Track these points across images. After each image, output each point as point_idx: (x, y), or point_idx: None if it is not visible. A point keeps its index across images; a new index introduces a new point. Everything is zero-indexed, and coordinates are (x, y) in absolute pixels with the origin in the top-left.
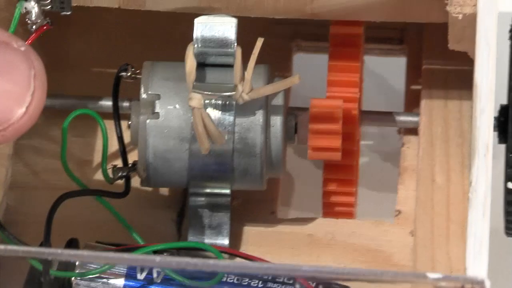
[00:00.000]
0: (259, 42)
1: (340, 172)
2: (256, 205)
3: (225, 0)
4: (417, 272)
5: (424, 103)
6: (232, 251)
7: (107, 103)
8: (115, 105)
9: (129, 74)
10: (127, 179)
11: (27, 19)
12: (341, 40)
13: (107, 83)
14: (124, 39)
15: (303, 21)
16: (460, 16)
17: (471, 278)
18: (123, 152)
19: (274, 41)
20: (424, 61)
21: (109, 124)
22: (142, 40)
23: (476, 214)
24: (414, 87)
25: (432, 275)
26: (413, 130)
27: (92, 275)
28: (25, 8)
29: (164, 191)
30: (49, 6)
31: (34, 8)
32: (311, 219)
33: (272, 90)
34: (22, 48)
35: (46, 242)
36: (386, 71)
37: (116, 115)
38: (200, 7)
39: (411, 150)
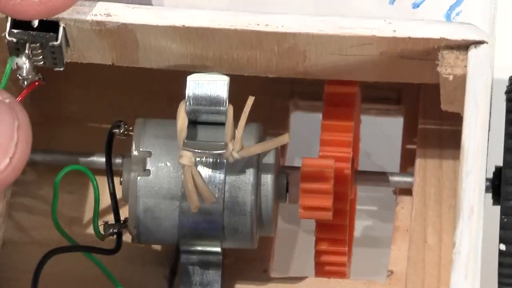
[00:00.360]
0: (250, 100)
1: (332, 232)
2: (248, 263)
3: (218, 59)
4: None
5: (418, 163)
6: None
7: (100, 159)
8: (109, 162)
9: (121, 131)
10: (119, 236)
11: (18, 75)
12: (334, 99)
13: (101, 139)
14: (119, 95)
15: (300, 80)
16: (451, 77)
17: None
18: (115, 209)
19: (271, 99)
20: (419, 121)
21: (102, 180)
22: (137, 96)
23: (459, 277)
24: (409, 146)
25: None
26: (407, 191)
27: None
28: (16, 64)
29: (157, 247)
30: (41, 62)
31: (25, 64)
32: (303, 278)
33: (262, 149)
34: (7, 100)
35: None
36: (385, 130)
37: (109, 172)
38: (192, 65)
39: (405, 210)
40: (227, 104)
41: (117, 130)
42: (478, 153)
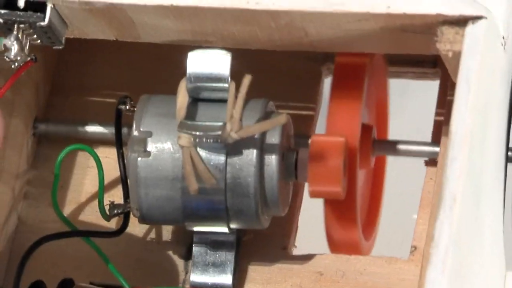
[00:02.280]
0: (247, 79)
1: (341, 209)
2: (267, 240)
3: (219, 34)
4: None
5: (444, 133)
6: None
7: (105, 131)
8: (118, 139)
9: (127, 107)
10: (126, 216)
11: (6, 57)
12: (344, 71)
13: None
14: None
15: None
16: (450, 54)
17: None
18: (125, 186)
19: (304, 63)
20: (448, 92)
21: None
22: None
23: (434, 272)
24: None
25: None
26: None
27: None
28: (4, 45)
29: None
30: (38, 41)
31: (13, 46)
32: (323, 256)
33: (261, 129)
34: None
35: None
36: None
37: (119, 149)
38: (194, 40)
39: (433, 182)
40: (229, 80)
41: (123, 106)
42: (466, 138)
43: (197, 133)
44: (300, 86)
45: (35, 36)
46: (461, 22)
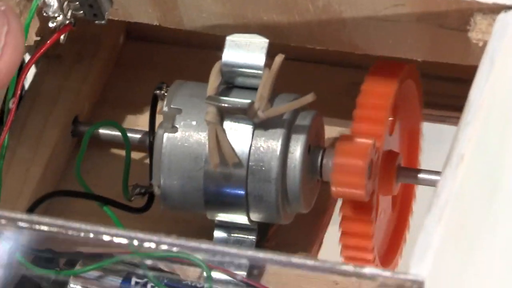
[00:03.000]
0: (279, 58)
1: (358, 211)
2: (289, 247)
3: (259, 19)
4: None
5: None
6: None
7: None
8: (152, 122)
9: (163, 92)
10: (150, 198)
11: (44, 13)
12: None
13: None
14: None
15: None
16: (481, 43)
17: (411, 277)
18: (151, 167)
19: None
20: None
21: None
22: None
23: (432, 218)
24: None
25: (368, 270)
26: None
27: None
28: (44, 1)
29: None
30: (81, 12)
31: (53, 2)
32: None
33: (289, 108)
34: (2, 8)
35: None
36: None
37: (152, 131)
38: (235, 24)
39: None
40: (264, 67)
41: (159, 91)
42: (481, 108)
43: (224, 105)
44: None
45: (77, 3)
46: (495, 10)
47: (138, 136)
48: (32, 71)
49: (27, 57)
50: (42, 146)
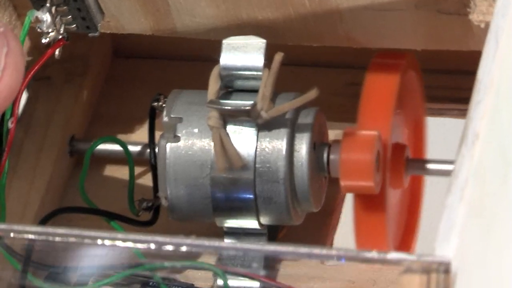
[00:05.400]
0: (278, 56)
1: (370, 203)
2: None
3: (254, 19)
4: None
5: None
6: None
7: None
8: (151, 134)
9: (160, 103)
10: (156, 211)
11: (38, 28)
12: (379, 71)
13: None
14: None
15: None
16: (483, 25)
17: (437, 259)
18: (154, 182)
19: None
20: None
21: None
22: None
23: (454, 198)
24: None
25: (392, 255)
26: None
27: None
28: (36, 17)
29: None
30: (73, 26)
31: (46, 18)
32: (355, 264)
33: (290, 107)
34: (1, 29)
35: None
36: None
37: (152, 144)
38: (228, 28)
39: None
40: (263, 68)
41: (156, 103)
42: (491, 86)
43: (227, 108)
44: None
45: (69, 17)
46: None
47: (137, 149)
48: (23, 96)
49: None
50: (41, 168)
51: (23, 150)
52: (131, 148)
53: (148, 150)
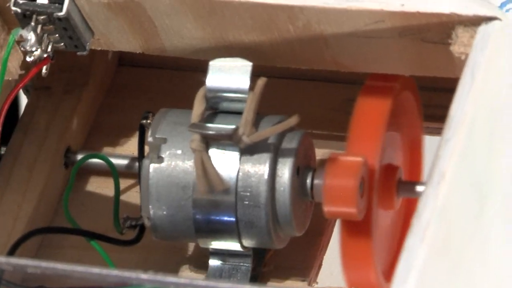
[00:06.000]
0: (261, 81)
1: (356, 228)
2: (287, 271)
3: (241, 42)
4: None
5: None
6: None
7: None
8: (141, 152)
9: (149, 121)
10: (141, 230)
11: (21, 47)
12: (370, 95)
13: None
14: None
15: None
16: (463, 57)
17: None
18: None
19: None
20: None
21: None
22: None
23: (415, 239)
24: None
25: None
26: None
27: None
28: (21, 35)
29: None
30: (61, 44)
31: (30, 36)
32: None
33: (272, 132)
34: None
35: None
36: None
37: (141, 161)
38: (217, 48)
39: None
40: (249, 91)
41: (145, 121)
42: (462, 123)
43: (209, 132)
44: None
45: (57, 35)
46: (475, 22)
47: (126, 162)
48: (23, 103)
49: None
50: (34, 180)
51: (18, 161)
52: (127, 161)
53: None
